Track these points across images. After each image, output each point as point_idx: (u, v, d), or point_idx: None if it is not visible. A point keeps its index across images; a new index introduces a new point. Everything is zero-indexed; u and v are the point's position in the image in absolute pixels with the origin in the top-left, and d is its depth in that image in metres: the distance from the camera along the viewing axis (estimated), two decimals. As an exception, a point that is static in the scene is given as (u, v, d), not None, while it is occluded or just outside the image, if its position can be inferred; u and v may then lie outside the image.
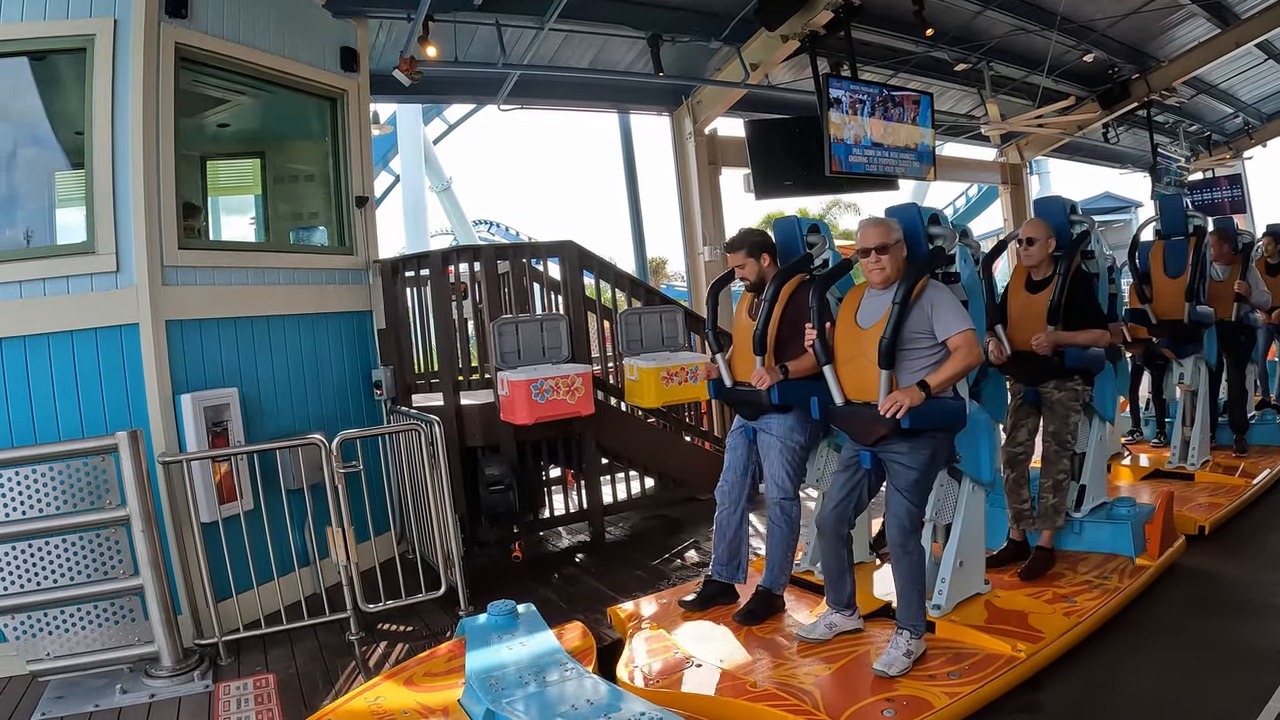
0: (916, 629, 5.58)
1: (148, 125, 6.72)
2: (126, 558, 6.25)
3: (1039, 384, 7.09)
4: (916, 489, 5.55)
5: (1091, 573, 6.88)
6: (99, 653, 6.16)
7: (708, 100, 14.59)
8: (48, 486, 6.09)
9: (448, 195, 30.62)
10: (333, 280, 8.50)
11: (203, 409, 6.97)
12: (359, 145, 8.79)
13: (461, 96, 16.76)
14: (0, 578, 6.03)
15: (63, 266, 6.63)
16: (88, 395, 6.64)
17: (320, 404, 8.21)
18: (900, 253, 5.71)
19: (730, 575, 6.73)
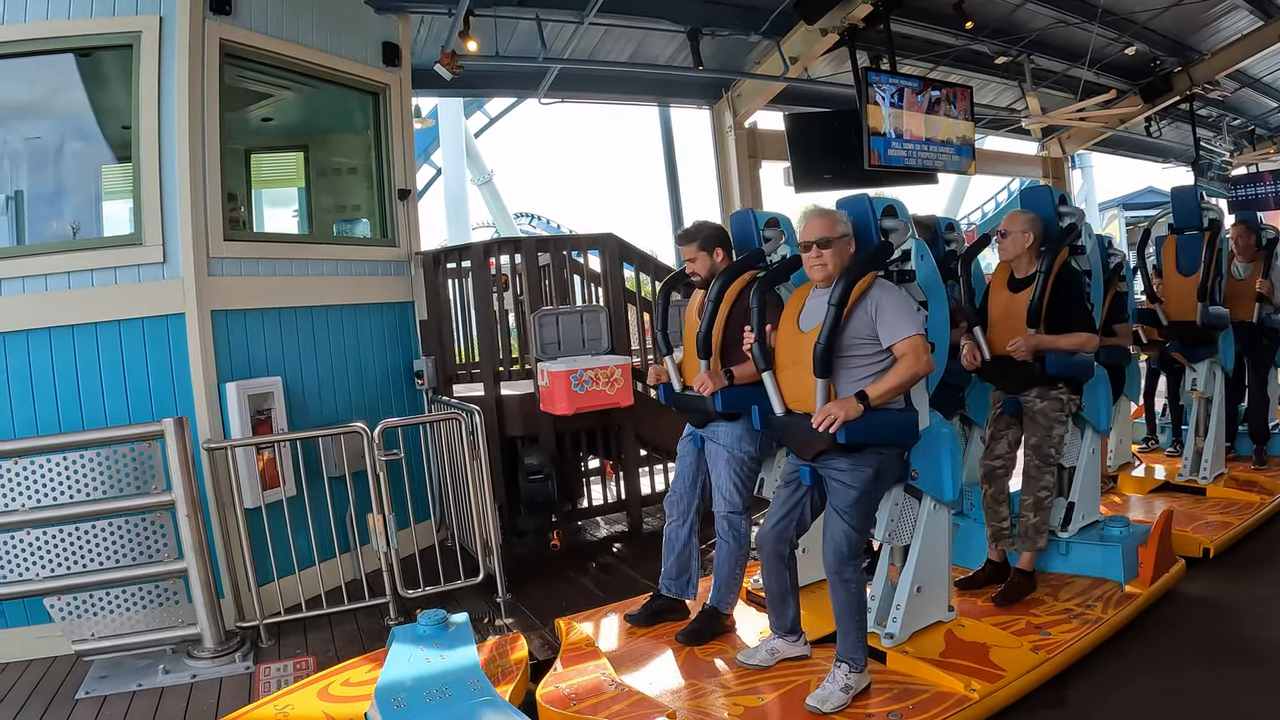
0: (856, 662, 5.07)
1: (193, 120, 6.80)
2: (171, 542, 6.32)
3: (1020, 392, 6.45)
4: (856, 510, 5.00)
5: (1074, 600, 6.29)
6: (143, 634, 6.26)
7: (747, 93, 14.55)
8: (94, 471, 6.17)
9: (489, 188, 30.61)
10: (375, 271, 8.57)
11: (247, 397, 7.05)
12: (401, 139, 8.84)
13: (502, 90, 16.83)
14: (47, 560, 6.14)
15: (110, 258, 6.73)
16: (134, 383, 6.74)
17: (362, 393, 8.27)
18: (846, 248, 5.12)
19: (679, 591, 6.35)
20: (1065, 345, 6.19)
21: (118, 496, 6.22)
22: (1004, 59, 14.87)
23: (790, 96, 14.87)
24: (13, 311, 6.53)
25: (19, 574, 6.10)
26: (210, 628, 6.27)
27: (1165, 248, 9.24)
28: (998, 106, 17.61)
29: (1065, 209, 6.57)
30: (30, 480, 6.09)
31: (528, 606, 7.02)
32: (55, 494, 6.11)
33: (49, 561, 6.14)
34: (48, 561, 6.14)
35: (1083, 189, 34.83)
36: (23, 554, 6.11)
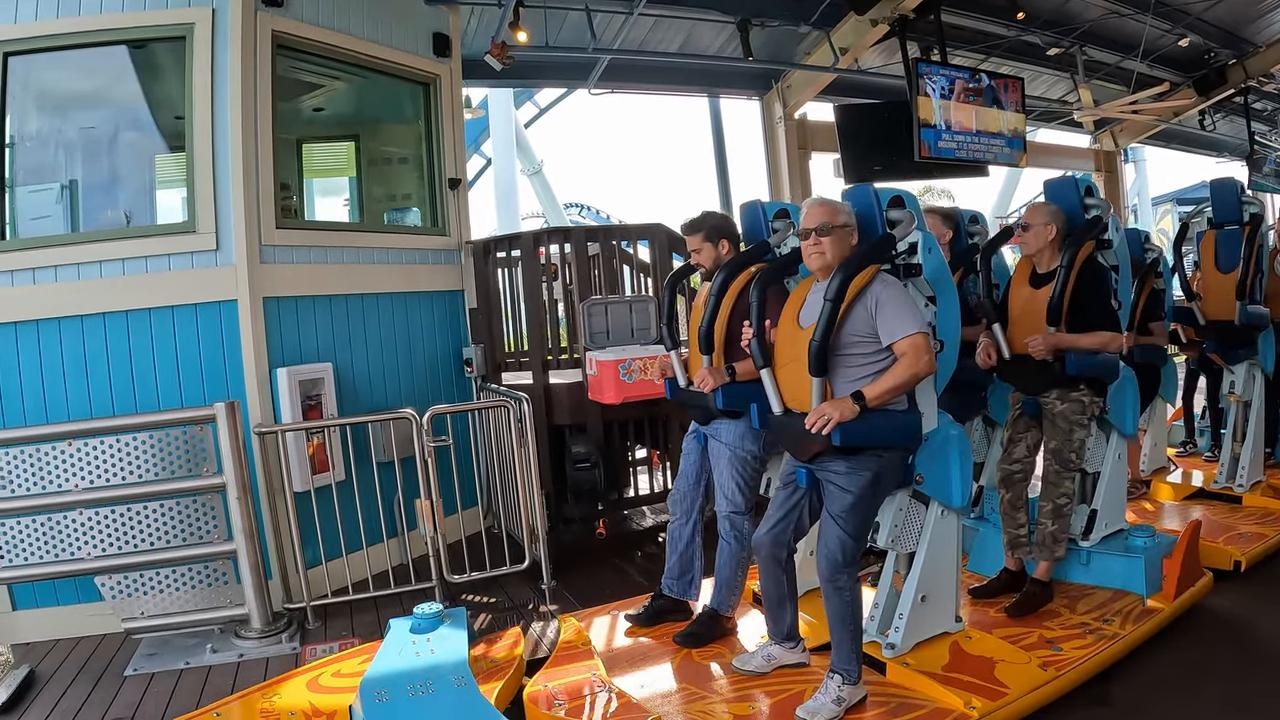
0: (849, 674, 4.80)
1: (246, 110, 6.86)
2: (221, 523, 6.38)
3: (1039, 393, 6.07)
4: (852, 516, 4.73)
5: (1092, 613, 5.90)
6: (191, 613, 6.34)
7: (797, 85, 14.49)
8: (146, 453, 6.24)
9: (539, 178, 30.55)
10: (425, 260, 8.59)
11: (298, 382, 7.10)
12: (452, 129, 8.85)
13: (552, 81, 16.95)
14: (99, 540, 6.22)
15: (164, 245, 6.80)
16: (187, 368, 6.81)
17: (412, 380, 8.30)
18: (846, 238, 4.83)
19: (681, 591, 6.15)
20: (1087, 344, 5.80)
21: (169, 479, 6.29)
22: (1056, 50, 14.67)
23: (840, 88, 14.78)
24: (68, 297, 6.63)
25: (70, 553, 6.19)
26: (258, 608, 6.34)
27: (1204, 243, 8.70)
28: (1049, 99, 17.38)
29: (1091, 201, 6.17)
30: (83, 462, 6.16)
31: (572, 594, 7.03)
32: (108, 475, 6.18)
33: (100, 541, 6.22)
34: (99, 541, 6.21)
35: (1135, 183, 34.44)
36: (75, 534, 6.19)
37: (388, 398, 7.95)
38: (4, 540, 6.17)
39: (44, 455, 6.14)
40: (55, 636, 6.62)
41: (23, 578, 6.35)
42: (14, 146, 6.91)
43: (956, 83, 13.02)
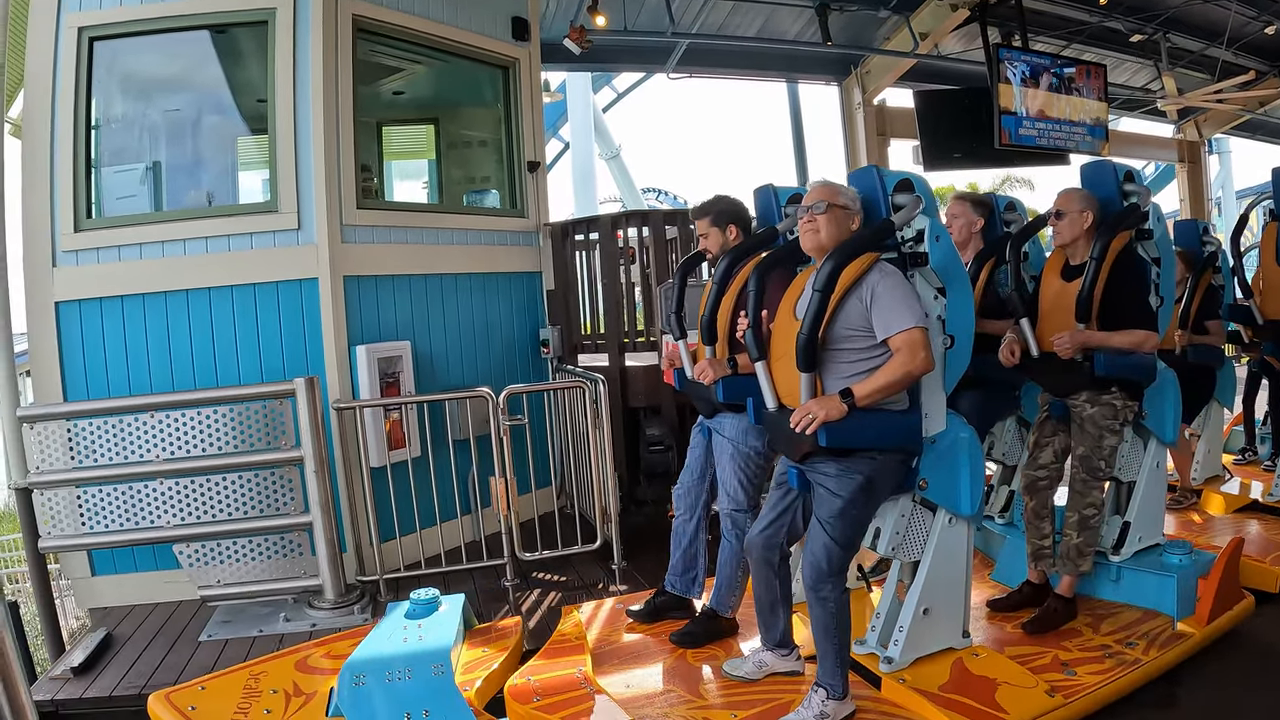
0: (834, 688, 4.47)
1: (327, 93, 6.88)
2: (298, 496, 6.40)
3: (1068, 395, 5.56)
4: (840, 522, 4.35)
5: (1116, 634, 5.34)
6: (266, 582, 6.36)
7: (876, 70, 14.33)
8: (225, 426, 6.27)
9: (616, 163, 30.48)
10: (504, 241, 8.57)
11: (376, 360, 7.11)
12: (530, 112, 8.81)
13: (630, 65, 16.54)
14: (178, 509, 6.28)
15: (247, 224, 6.88)
16: (268, 343, 6.87)
17: (489, 359, 8.29)
18: (843, 220, 4.48)
19: (684, 588, 5.86)
20: (1118, 344, 5.27)
21: (248, 451, 6.32)
22: (1139, 37, 14.32)
23: (920, 73, 14.60)
24: (153, 274, 6.73)
25: (150, 521, 6.25)
26: (331, 580, 6.35)
27: (1265, 236, 7.89)
28: (1132, 86, 17.03)
29: (1131, 187, 5.62)
30: (164, 433, 6.20)
31: (642, 575, 6.95)
32: (188, 447, 6.23)
33: (180, 510, 6.28)
34: (178, 510, 6.27)
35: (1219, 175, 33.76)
36: (155, 503, 6.25)
37: (464, 377, 7.95)
38: (86, 508, 6.25)
39: (127, 426, 6.18)
40: (132, 602, 6.72)
41: (104, 544, 6.44)
42: (100, 128, 6.98)
43: (1038, 69, 12.79)
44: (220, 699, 4.87)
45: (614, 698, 4.76)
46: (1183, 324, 7.37)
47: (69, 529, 6.26)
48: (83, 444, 6.18)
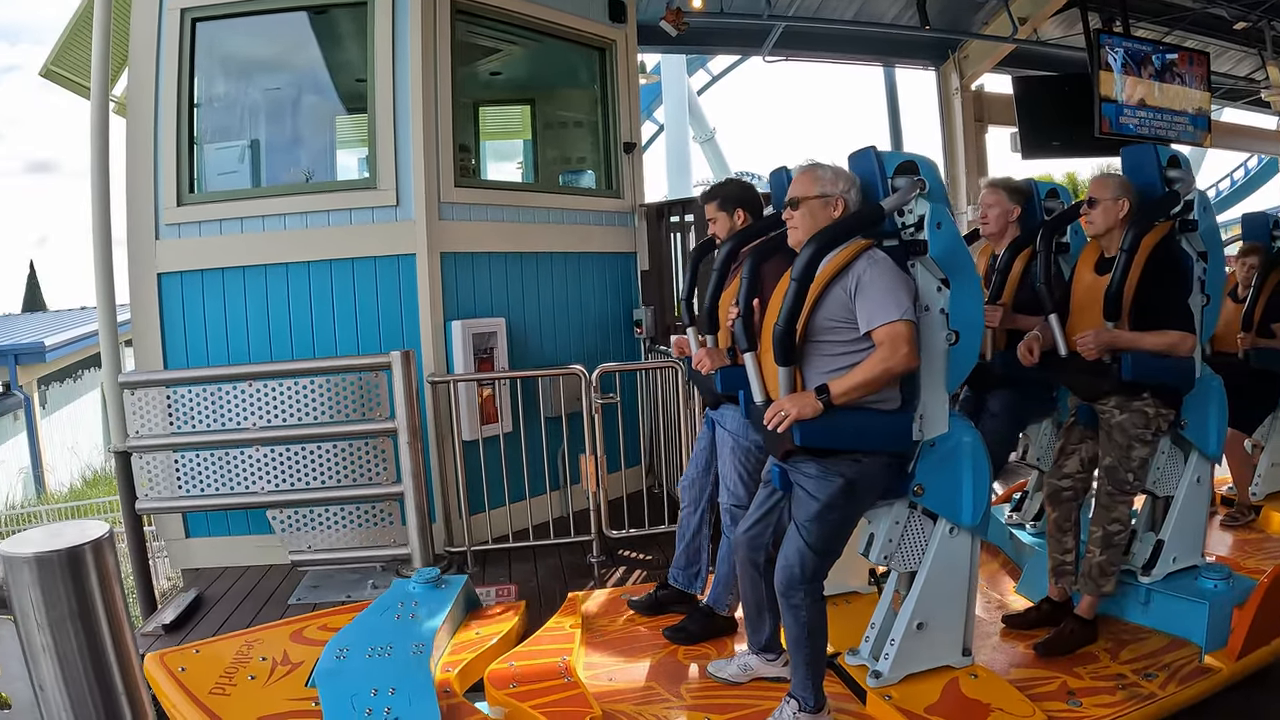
0: (806, 701, 4.10)
1: (426, 73, 6.86)
2: (390, 466, 6.39)
3: (1096, 399, 4.96)
4: (817, 526, 3.99)
5: (1136, 663, 4.68)
6: (356, 550, 6.39)
7: (974, 55, 14.00)
8: (320, 396, 6.29)
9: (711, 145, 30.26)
10: (599, 222, 8.49)
11: (471, 335, 7.10)
12: (627, 93, 8.71)
13: (726, 48, 16.23)
14: (272, 476, 6.33)
15: (346, 200, 6.91)
16: (365, 317, 6.90)
17: (582, 337, 8.22)
18: (821, 211, 4.09)
19: (686, 583, 5.54)
20: (1149, 345, 4.67)
21: (344, 421, 6.34)
22: (1243, 24, 13.76)
23: (1018, 59, 14.18)
24: (253, 248, 6.81)
25: (245, 487, 6.31)
26: (420, 549, 6.32)
27: None
28: (1236, 76, 16.42)
29: (1175, 174, 4.95)
30: (261, 401, 6.25)
31: (725, 556, 6.84)
32: (283, 415, 6.27)
33: (274, 477, 6.32)
34: (272, 477, 6.32)
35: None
36: (250, 469, 6.31)
37: (558, 354, 7.88)
38: (182, 472, 6.33)
39: (224, 394, 6.25)
40: (224, 564, 6.81)
41: (199, 507, 6.54)
42: (201, 107, 7.06)
43: (1139, 56, 12.41)
44: (210, 663, 4.82)
45: (590, 690, 4.51)
46: (1246, 325, 6.67)
47: (165, 492, 6.35)
48: (181, 410, 6.26)
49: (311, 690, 4.44)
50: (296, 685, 4.62)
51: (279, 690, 4.62)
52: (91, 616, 1.22)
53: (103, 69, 6.77)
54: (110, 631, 1.25)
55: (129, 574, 6.67)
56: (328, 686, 4.30)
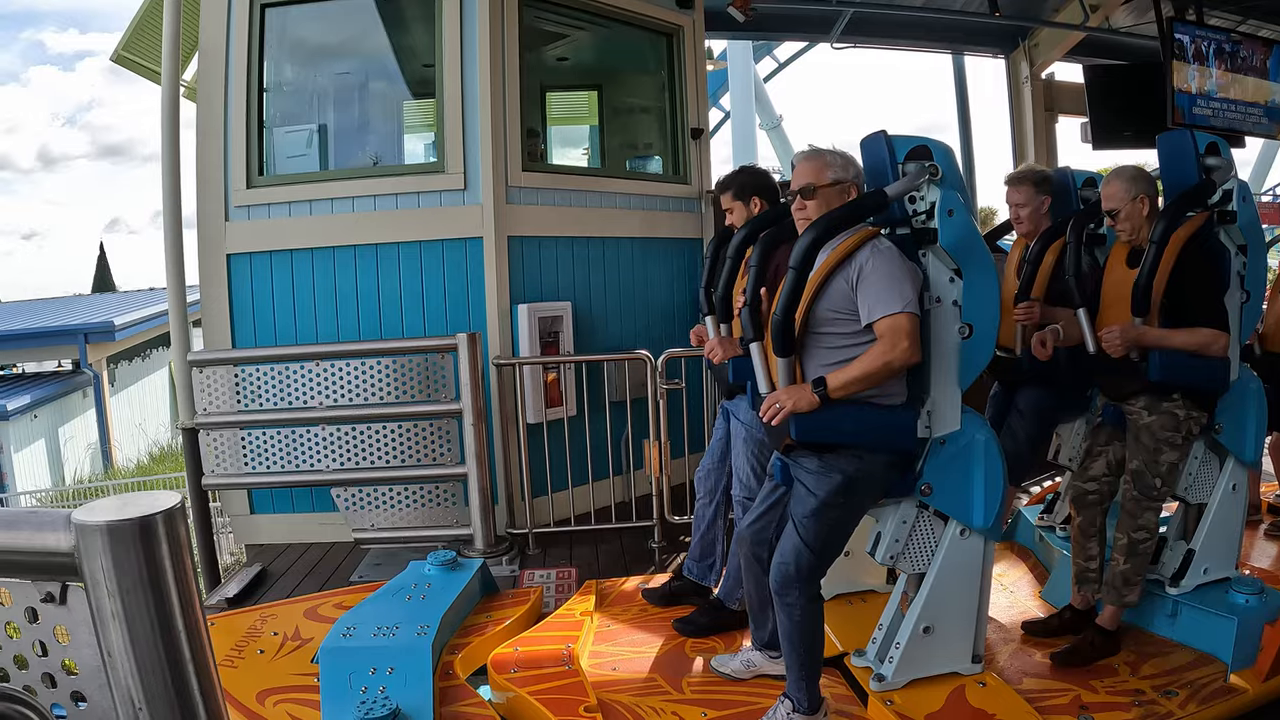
0: (799, 702, 3.97)
1: (494, 58, 6.85)
2: (454, 448, 6.41)
3: (1124, 400, 4.71)
4: (814, 523, 3.84)
5: (1157, 679, 4.42)
6: (418, 529, 6.44)
7: (1045, 43, 13.69)
8: (386, 377, 6.33)
9: (777, 133, 29.89)
10: (665, 207, 8.41)
11: (537, 319, 7.08)
12: (694, 79, 8.62)
13: (793, 34, 16.00)
14: (338, 454, 6.39)
15: (414, 184, 6.94)
16: (431, 299, 6.92)
17: (648, 323, 8.16)
18: (837, 199, 3.92)
19: (700, 575, 5.48)
20: (1179, 343, 4.41)
21: (409, 402, 6.37)
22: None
23: (1089, 47, 13.84)
24: (321, 230, 6.86)
25: (310, 465, 6.37)
26: (482, 530, 6.36)
27: None
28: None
29: (1214, 161, 4.64)
30: (327, 381, 6.30)
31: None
32: (349, 395, 6.31)
33: (339, 456, 6.38)
34: (338, 455, 6.38)
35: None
36: (316, 447, 6.37)
37: (623, 339, 7.82)
38: (249, 449, 6.41)
39: (291, 373, 6.30)
40: (287, 541, 6.91)
41: (265, 484, 6.65)
42: (270, 91, 7.13)
43: (1213, 45, 12.15)
44: (224, 635, 4.89)
45: (592, 678, 4.49)
46: None
47: (232, 468, 6.43)
48: (249, 388, 6.33)
49: (316, 666, 4.48)
50: (303, 661, 4.71)
51: (285, 665, 4.72)
52: (162, 585, 1.22)
53: (173, 54, 6.81)
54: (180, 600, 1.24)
55: (193, 548, 6.74)
56: (329, 663, 4.34)
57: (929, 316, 3.99)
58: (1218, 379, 4.58)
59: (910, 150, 4.07)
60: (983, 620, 4.40)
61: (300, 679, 4.49)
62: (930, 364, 4.02)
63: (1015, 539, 6.15)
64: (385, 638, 4.46)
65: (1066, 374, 5.06)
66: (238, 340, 6.87)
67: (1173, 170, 4.75)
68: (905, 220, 4.10)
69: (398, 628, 4.56)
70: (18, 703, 1.21)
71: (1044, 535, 5.91)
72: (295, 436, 6.39)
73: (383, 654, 4.32)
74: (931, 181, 4.01)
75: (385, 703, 3.80)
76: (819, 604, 3.99)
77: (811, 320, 3.83)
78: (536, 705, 4.21)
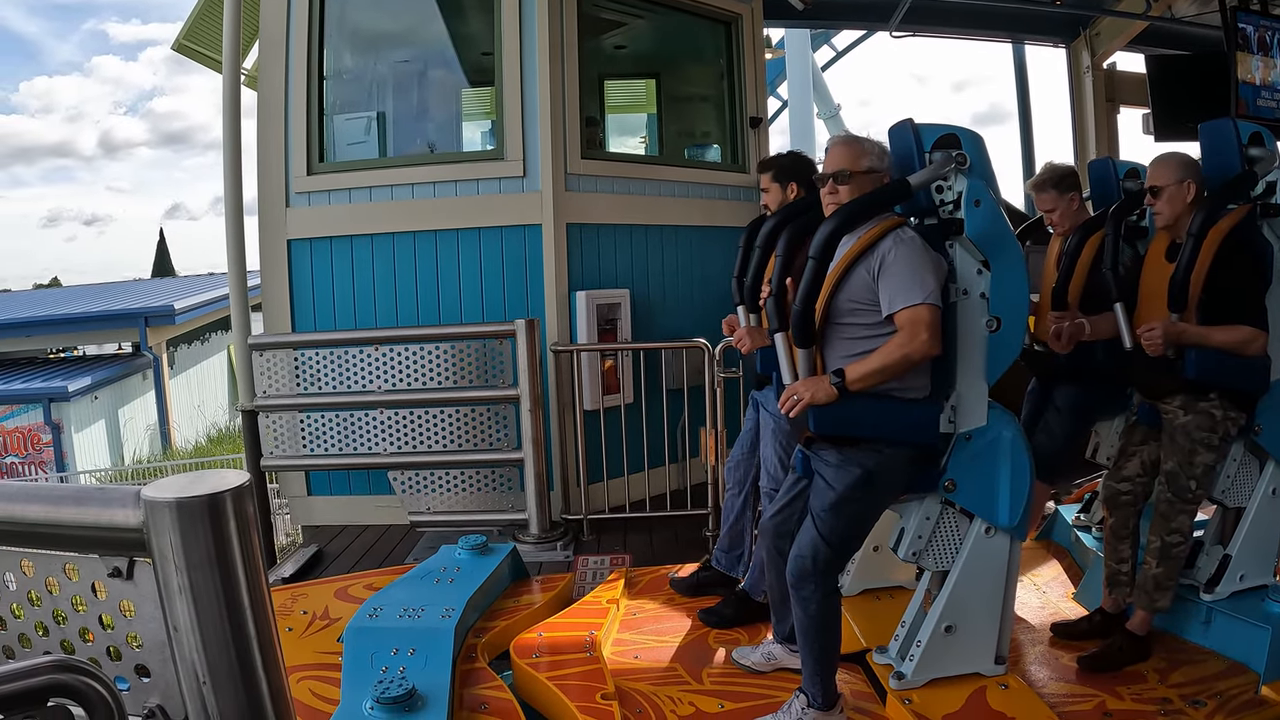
0: (815, 699, 3.90)
1: (553, 45, 6.87)
2: (511, 433, 6.48)
3: (1159, 398, 4.54)
4: (832, 517, 3.77)
5: (1186, 687, 4.25)
6: (474, 513, 6.50)
7: (1106, 32, 13.47)
8: (444, 362, 6.39)
9: (835, 122, 29.56)
10: (724, 196, 8.38)
11: (595, 305, 7.10)
12: (753, 68, 8.59)
13: (852, 22, 15.92)
14: (395, 437, 6.46)
15: (473, 171, 6.98)
16: (490, 285, 6.96)
17: (705, 311, 8.08)
18: (871, 186, 3.84)
19: (729, 566, 5.40)
20: (1218, 341, 4.24)
21: (467, 387, 6.43)
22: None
23: (1152, 37, 13.57)
24: (381, 216, 6.93)
25: (368, 448, 6.45)
26: (537, 515, 6.40)
27: None
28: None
29: (1258, 151, 4.48)
30: (385, 365, 6.38)
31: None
32: (407, 380, 6.38)
33: (396, 439, 6.46)
34: (395, 439, 6.45)
35: None
36: (374, 430, 6.47)
37: (681, 327, 7.78)
38: (307, 431, 6.50)
39: (350, 357, 6.39)
40: (343, 523, 6.98)
41: (323, 466, 6.75)
42: (330, 79, 7.20)
43: (1278, 36, 11.91)
44: None
45: (612, 666, 4.46)
46: None
47: (290, 450, 6.53)
48: (308, 372, 6.42)
49: (341, 645, 4.49)
50: (329, 640, 4.74)
51: (311, 643, 4.77)
52: (229, 561, 1.25)
53: (234, 43, 6.92)
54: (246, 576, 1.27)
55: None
56: (353, 643, 4.35)
57: (956, 308, 3.92)
58: (1257, 379, 4.43)
59: (938, 139, 4.00)
60: (1007, 621, 4.31)
61: (325, 657, 4.55)
62: (956, 357, 3.95)
63: (1051, 538, 6.04)
64: (410, 619, 4.50)
65: (1105, 370, 4.92)
66: (297, 324, 6.96)
67: (1214, 160, 4.57)
68: (933, 210, 4.02)
69: (423, 610, 4.59)
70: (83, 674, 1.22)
71: (1079, 535, 5.75)
72: (353, 420, 6.47)
73: (406, 635, 4.36)
74: (959, 171, 3.92)
75: (402, 683, 3.82)
76: (836, 599, 3.93)
77: (833, 311, 3.79)
78: (554, 690, 4.21)
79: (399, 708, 3.74)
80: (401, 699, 3.75)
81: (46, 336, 26.10)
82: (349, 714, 3.80)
